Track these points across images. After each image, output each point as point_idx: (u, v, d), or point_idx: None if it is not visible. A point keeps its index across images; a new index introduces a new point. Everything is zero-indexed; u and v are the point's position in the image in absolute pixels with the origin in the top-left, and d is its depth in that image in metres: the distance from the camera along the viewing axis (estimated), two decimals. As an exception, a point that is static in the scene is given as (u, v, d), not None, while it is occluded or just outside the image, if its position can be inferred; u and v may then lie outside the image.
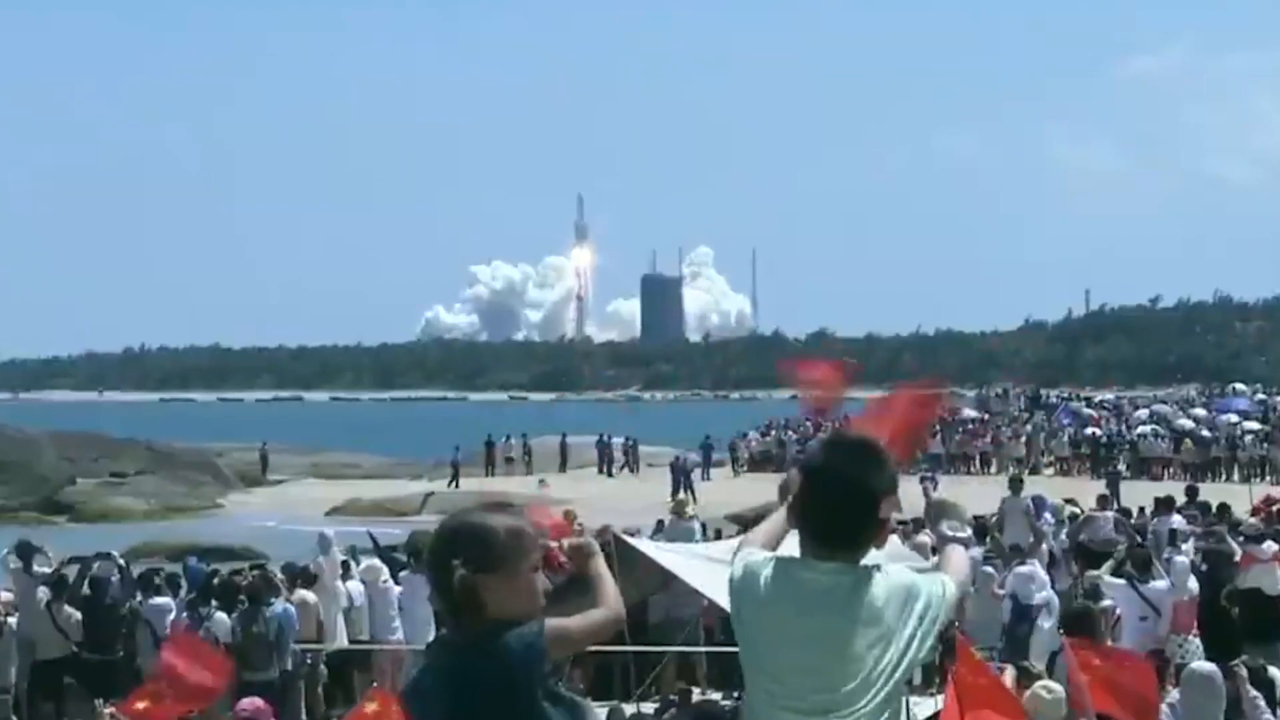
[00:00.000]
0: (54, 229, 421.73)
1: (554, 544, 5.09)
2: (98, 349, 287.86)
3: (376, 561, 20.76)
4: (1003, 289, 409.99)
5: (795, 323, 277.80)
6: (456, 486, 59.29)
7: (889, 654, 4.63)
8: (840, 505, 4.74)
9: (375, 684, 18.80)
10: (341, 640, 19.15)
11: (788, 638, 4.70)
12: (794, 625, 4.69)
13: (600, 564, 5.23)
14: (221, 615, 17.88)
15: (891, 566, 4.78)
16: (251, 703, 12.06)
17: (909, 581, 4.74)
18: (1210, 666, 11.81)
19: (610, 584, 5.13)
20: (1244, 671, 12.39)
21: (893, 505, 4.79)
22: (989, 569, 19.37)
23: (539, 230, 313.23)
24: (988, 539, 22.23)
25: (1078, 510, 25.33)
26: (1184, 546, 20.02)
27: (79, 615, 18.53)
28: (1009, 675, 10.90)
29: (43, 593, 18.58)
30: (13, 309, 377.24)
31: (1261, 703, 12.11)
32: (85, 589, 19.04)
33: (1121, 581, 17.04)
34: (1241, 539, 20.23)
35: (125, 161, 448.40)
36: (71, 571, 19.60)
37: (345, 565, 20.11)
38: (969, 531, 5.49)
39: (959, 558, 5.13)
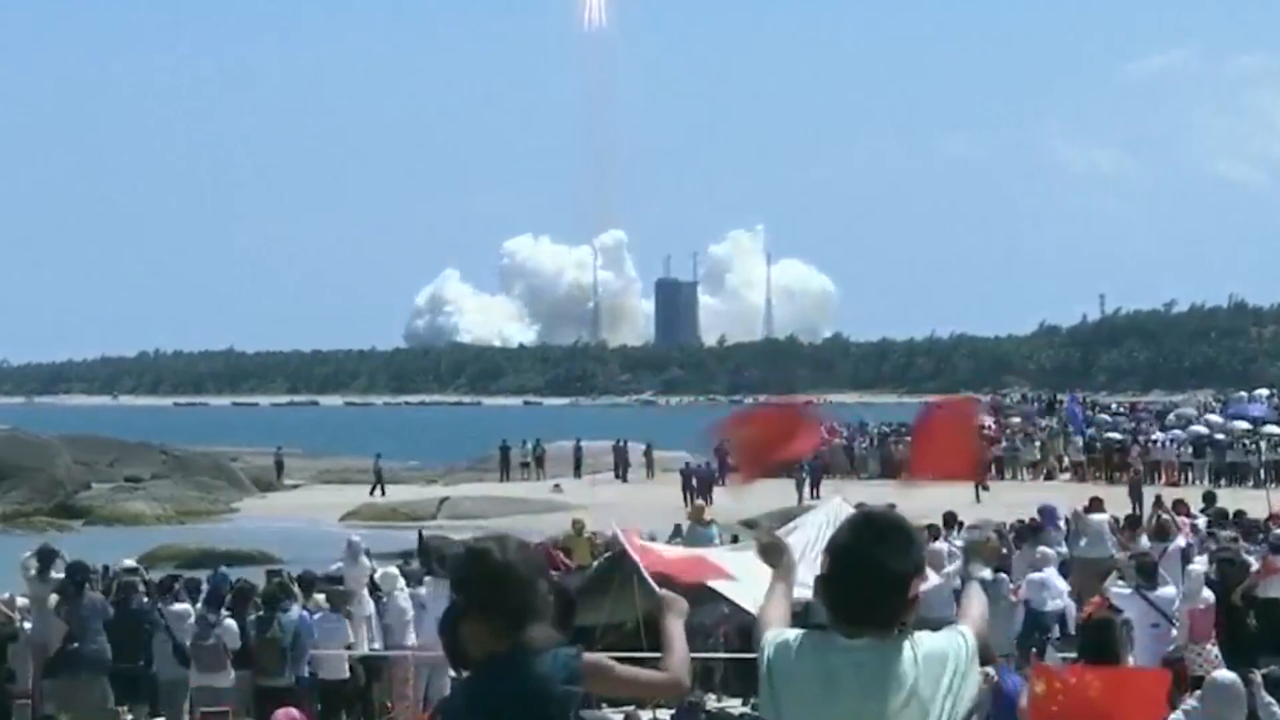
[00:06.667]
0: (66, 233, 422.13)
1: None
2: (111, 353, 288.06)
3: (393, 569, 20.78)
4: (1016, 293, 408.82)
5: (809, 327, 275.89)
6: (382, 494, 59.25)
7: None
8: (869, 589, 4.70)
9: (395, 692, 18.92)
10: (362, 647, 19.17)
11: (820, 716, 4.70)
12: (826, 705, 4.69)
13: (679, 626, 5.23)
14: (231, 622, 17.92)
15: (920, 634, 4.76)
16: (287, 713, 12.06)
17: (938, 648, 4.74)
18: (1231, 675, 11.82)
19: (682, 651, 5.13)
20: (1259, 678, 12.41)
21: (921, 583, 4.76)
22: (1003, 575, 19.36)
23: (553, 232, 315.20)
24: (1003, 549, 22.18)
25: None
26: (1197, 559, 19.90)
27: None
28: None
29: (55, 599, 18.61)
30: (26, 313, 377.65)
31: (1276, 709, 12.12)
32: (113, 596, 19.11)
33: (1129, 590, 17.01)
34: (1266, 547, 20.14)
35: (138, 165, 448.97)
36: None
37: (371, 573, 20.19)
38: (989, 572, 5.56)
39: (979, 603, 5.13)
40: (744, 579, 15.66)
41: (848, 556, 4.74)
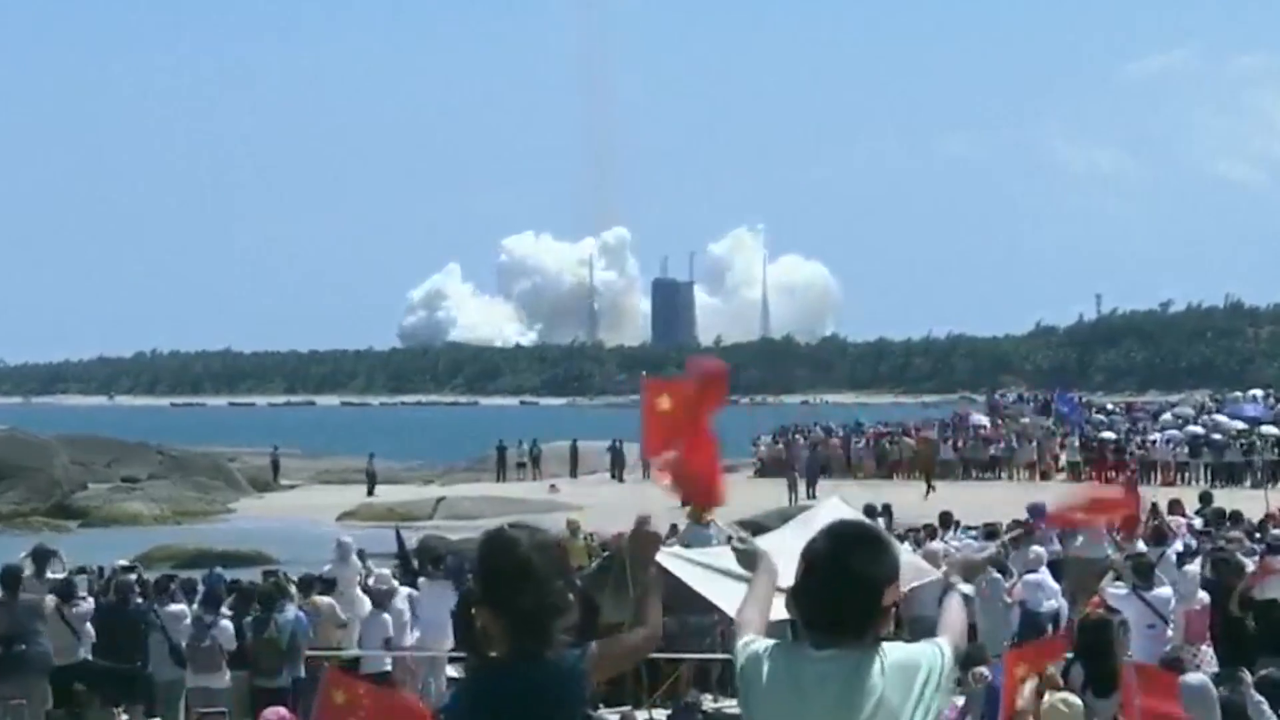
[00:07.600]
0: (65, 233, 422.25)
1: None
2: (108, 353, 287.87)
3: (385, 570, 20.78)
4: (1014, 293, 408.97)
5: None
6: (370, 494, 59.13)
7: None
8: (843, 598, 4.67)
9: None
10: (354, 648, 19.17)
11: None
12: (795, 715, 4.68)
13: (653, 574, 5.24)
14: (227, 623, 17.92)
15: (889, 645, 4.74)
16: (275, 712, 12.07)
17: (908, 657, 4.71)
18: (1200, 676, 11.85)
19: (657, 601, 5.15)
20: (1248, 678, 12.44)
21: (895, 593, 4.73)
22: (998, 575, 19.36)
23: (554, 230, 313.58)
24: (999, 547, 22.20)
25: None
26: (1191, 561, 19.87)
27: (89, 622, 18.49)
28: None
29: (52, 599, 18.57)
30: (23, 313, 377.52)
31: (1266, 708, 12.15)
32: (110, 596, 19.12)
33: (1126, 591, 17.02)
34: (1264, 547, 20.13)
35: (137, 165, 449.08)
36: (82, 580, 19.65)
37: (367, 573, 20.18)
38: (970, 587, 5.51)
39: (958, 614, 5.10)
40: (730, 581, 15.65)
41: (820, 566, 4.70)
